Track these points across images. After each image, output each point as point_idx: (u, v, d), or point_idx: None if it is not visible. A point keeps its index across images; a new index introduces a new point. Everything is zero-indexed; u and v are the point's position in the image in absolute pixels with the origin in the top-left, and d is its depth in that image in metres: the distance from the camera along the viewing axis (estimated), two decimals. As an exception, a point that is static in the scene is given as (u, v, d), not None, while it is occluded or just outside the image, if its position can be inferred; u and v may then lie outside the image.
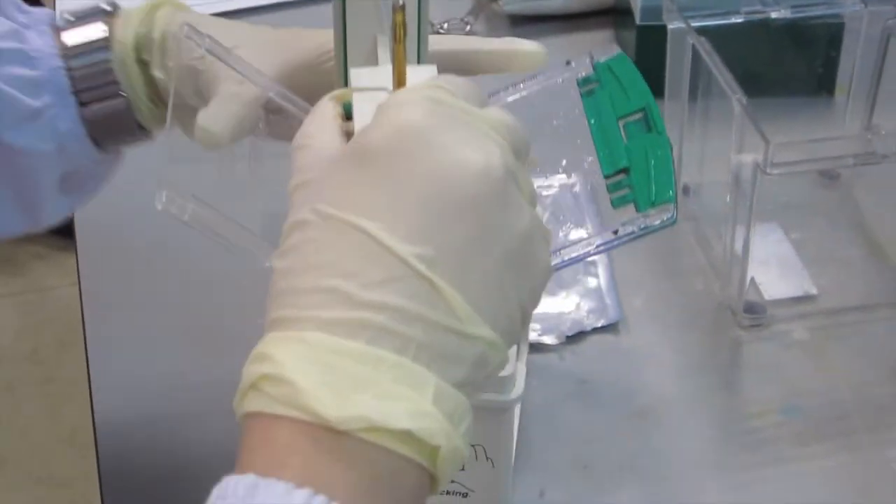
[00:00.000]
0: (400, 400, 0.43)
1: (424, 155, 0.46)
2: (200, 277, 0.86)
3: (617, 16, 1.09)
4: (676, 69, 0.86)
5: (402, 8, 0.53)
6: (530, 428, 0.73)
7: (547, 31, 1.11)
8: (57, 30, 0.68)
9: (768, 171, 0.72)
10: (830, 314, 0.81)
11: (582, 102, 0.67)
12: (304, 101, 0.64)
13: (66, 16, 0.68)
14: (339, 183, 0.47)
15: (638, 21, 0.99)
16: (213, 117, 0.63)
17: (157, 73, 0.67)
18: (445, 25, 1.11)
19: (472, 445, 0.64)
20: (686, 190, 0.90)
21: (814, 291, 0.83)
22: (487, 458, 0.64)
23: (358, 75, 0.56)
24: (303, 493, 0.41)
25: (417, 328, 0.44)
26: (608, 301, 0.82)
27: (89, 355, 0.81)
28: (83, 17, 0.68)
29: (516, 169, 0.48)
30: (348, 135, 0.53)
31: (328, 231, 0.46)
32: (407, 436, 0.43)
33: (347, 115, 0.54)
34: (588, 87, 0.67)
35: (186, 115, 0.66)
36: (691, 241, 0.88)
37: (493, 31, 1.12)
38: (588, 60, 0.68)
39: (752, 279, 0.82)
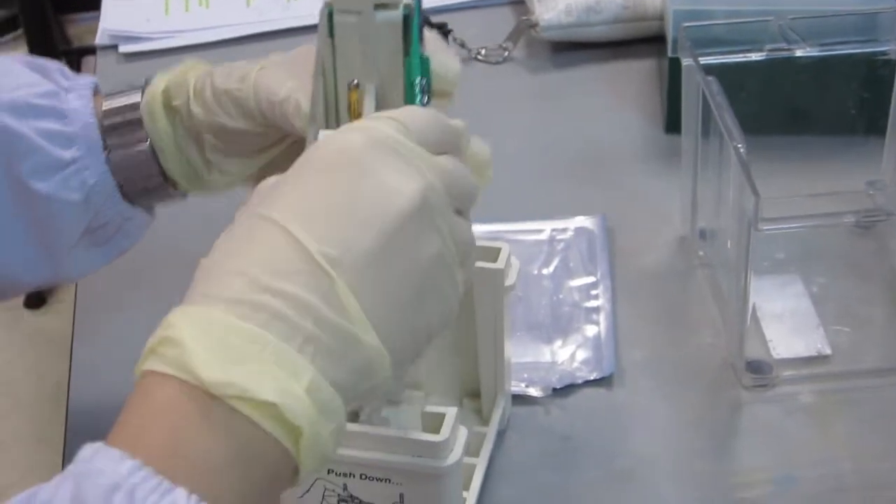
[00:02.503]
0: (274, 379, 0.46)
1: (350, 175, 0.50)
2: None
3: (659, 44, 1.04)
4: (690, 107, 0.81)
5: (357, 87, 0.56)
6: (502, 487, 0.70)
7: (588, 59, 1.07)
8: (97, 94, 0.71)
9: (759, 227, 0.67)
10: (842, 377, 0.76)
11: None
12: None
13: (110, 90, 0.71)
14: (272, 190, 0.51)
15: (669, 53, 0.94)
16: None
17: (194, 108, 0.68)
18: (483, 51, 1.08)
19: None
20: (702, 234, 0.85)
21: (827, 351, 0.77)
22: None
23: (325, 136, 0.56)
24: (130, 464, 0.44)
25: (308, 320, 0.47)
26: (605, 352, 0.78)
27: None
28: (124, 89, 0.71)
29: (440, 210, 0.51)
30: None
31: (250, 227, 0.50)
32: (272, 410, 0.46)
33: None
34: None
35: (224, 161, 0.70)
36: (705, 290, 0.83)
37: (532, 58, 1.08)
38: None
39: (763, 335, 0.77)
